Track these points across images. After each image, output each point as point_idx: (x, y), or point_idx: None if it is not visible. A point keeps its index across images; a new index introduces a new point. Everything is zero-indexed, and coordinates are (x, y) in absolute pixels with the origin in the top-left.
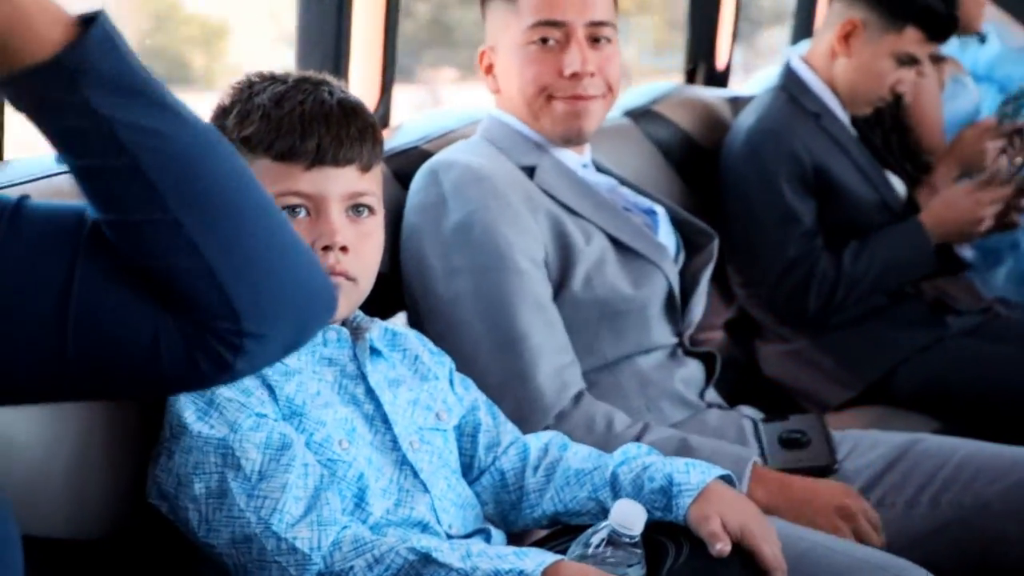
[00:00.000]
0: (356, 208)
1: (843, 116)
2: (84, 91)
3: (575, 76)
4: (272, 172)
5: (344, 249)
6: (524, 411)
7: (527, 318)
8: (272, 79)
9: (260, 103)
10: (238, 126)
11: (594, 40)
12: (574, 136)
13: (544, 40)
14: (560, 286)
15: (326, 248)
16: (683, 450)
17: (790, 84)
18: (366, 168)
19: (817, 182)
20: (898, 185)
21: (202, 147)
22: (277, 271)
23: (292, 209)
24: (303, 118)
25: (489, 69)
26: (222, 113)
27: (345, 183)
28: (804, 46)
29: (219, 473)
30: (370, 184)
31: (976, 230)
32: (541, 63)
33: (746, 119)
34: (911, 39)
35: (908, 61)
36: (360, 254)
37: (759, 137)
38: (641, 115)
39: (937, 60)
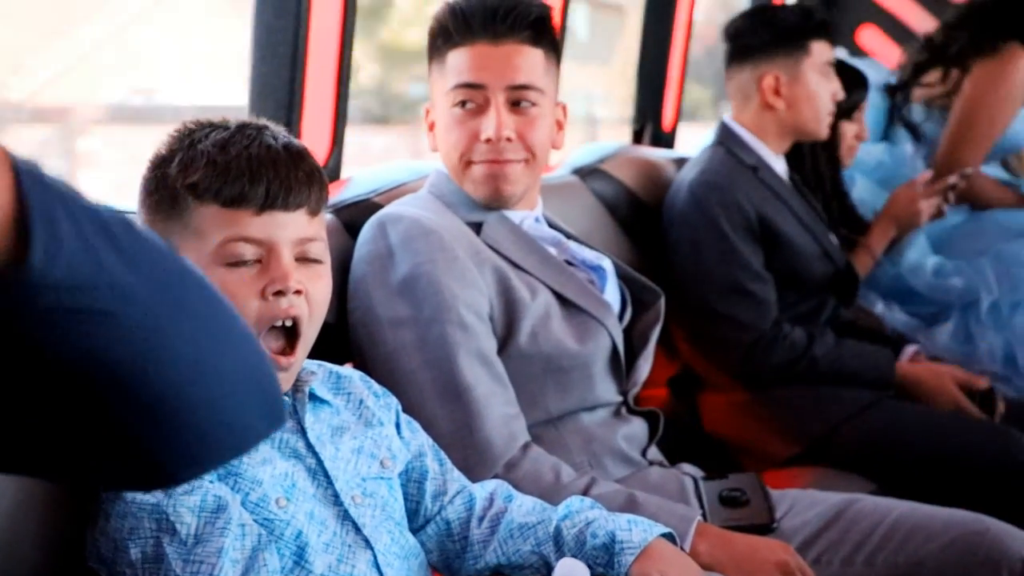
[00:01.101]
0: (305, 254)
1: (780, 169)
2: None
3: (490, 141)
4: (220, 218)
5: (298, 292)
6: (472, 461)
7: (471, 370)
8: (212, 126)
9: (204, 149)
10: (182, 174)
11: (515, 104)
12: (494, 200)
13: (464, 103)
14: (506, 340)
15: (278, 293)
16: (630, 505)
17: (727, 140)
18: (314, 212)
19: (762, 231)
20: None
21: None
22: (229, 422)
23: (240, 262)
24: (251, 163)
25: (432, 127)
26: (161, 162)
27: (295, 228)
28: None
29: (154, 538)
30: (318, 229)
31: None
32: (461, 126)
33: (687, 174)
34: (819, 50)
35: (830, 67)
36: (311, 297)
37: (702, 189)
38: (588, 173)
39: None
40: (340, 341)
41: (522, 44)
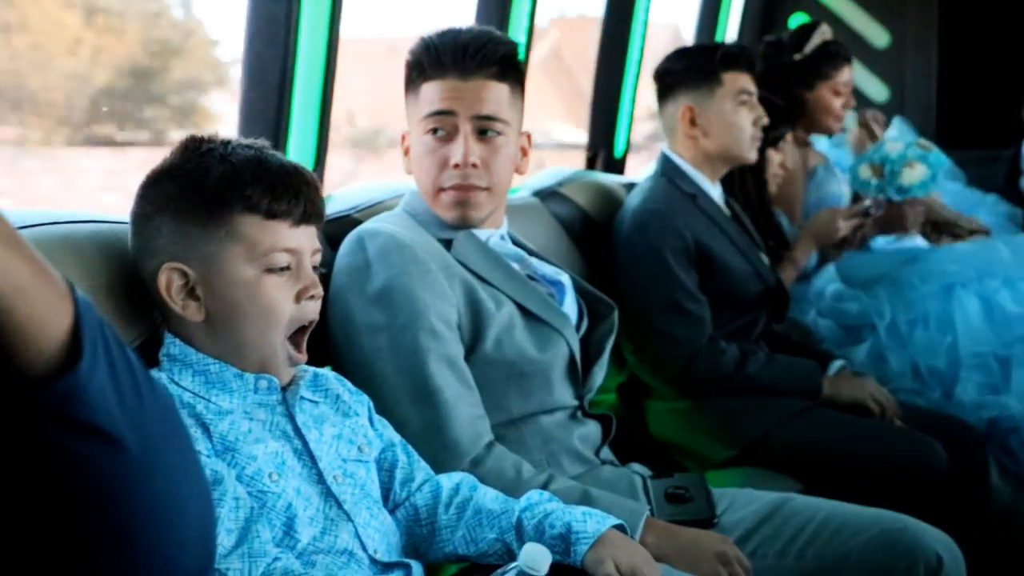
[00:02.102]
0: (315, 263)
1: (716, 195)
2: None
3: (457, 167)
4: (263, 228)
5: (314, 297)
6: (441, 457)
7: (440, 374)
8: (224, 142)
9: (241, 164)
10: (229, 186)
11: (482, 133)
12: (461, 223)
13: (435, 130)
14: (473, 347)
15: (312, 298)
16: (584, 500)
17: (668, 170)
18: (320, 226)
19: (698, 255)
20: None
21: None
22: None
23: (279, 268)
24: (291, 179)
25: (407, 152)
26: (181, 173)
27: (314, 240)
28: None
29: None
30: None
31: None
32: (432, 154)
33: (632, 201)
34: (732, 80)
35: (747, 95)
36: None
37: (645, 217)
38: (547, 195)
39: (804, 144)
40: (318, 345)
41: (489, 80)
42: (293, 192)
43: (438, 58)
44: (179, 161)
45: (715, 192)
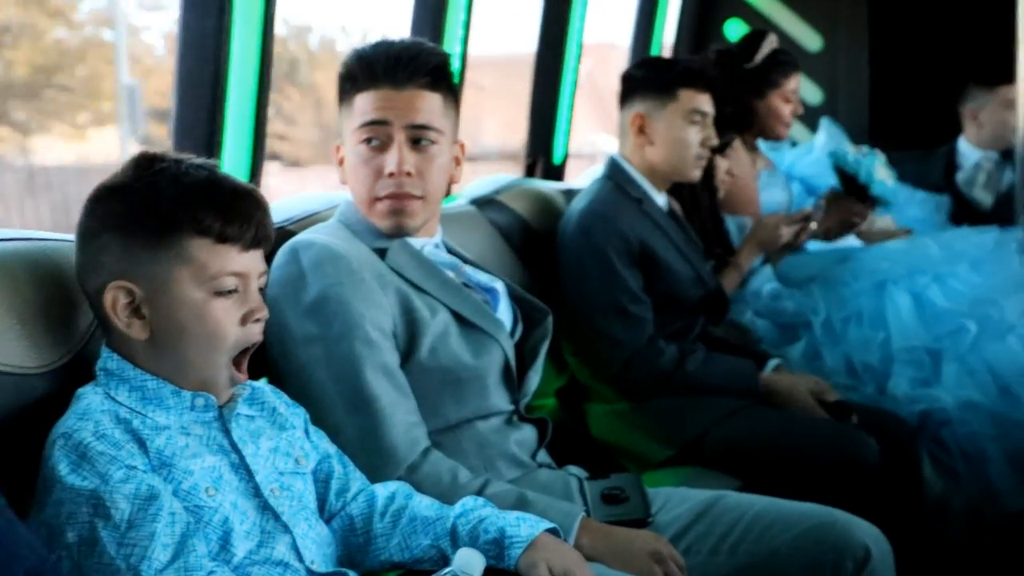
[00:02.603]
0: (261, 286)
1: (661, 202)
2: None
3: (392, 175)
4: (213, 251)
5: (259, 320)
6: (377, 465)
7: (376, 382)
8: (175, 160)
9: (194, 186)
10: (182, 208)
11: (415, 142)
12: (396, 232)
13: (369, 140)
14: (408, 354)
15: (257, 321)
16: (520, 504)
17: (615, 174)
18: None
19: (642, 258)
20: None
21: None
22: None
23: (227, 291)
24: (242, 203)
25: (342, 162)
26: (130, 191)
27: (261, 263)
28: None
29: (90, 523)
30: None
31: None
32: (367, 164)
33: (578, 204)
34: (687, 98)
35: (699, 116)
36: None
37: (590, 219)
38: (485, 203)
39: (752, 149)
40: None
41: (422, 89)
42: (245, 217)
43: (371, 68)
44: (130, 179)
45: (660, 199)
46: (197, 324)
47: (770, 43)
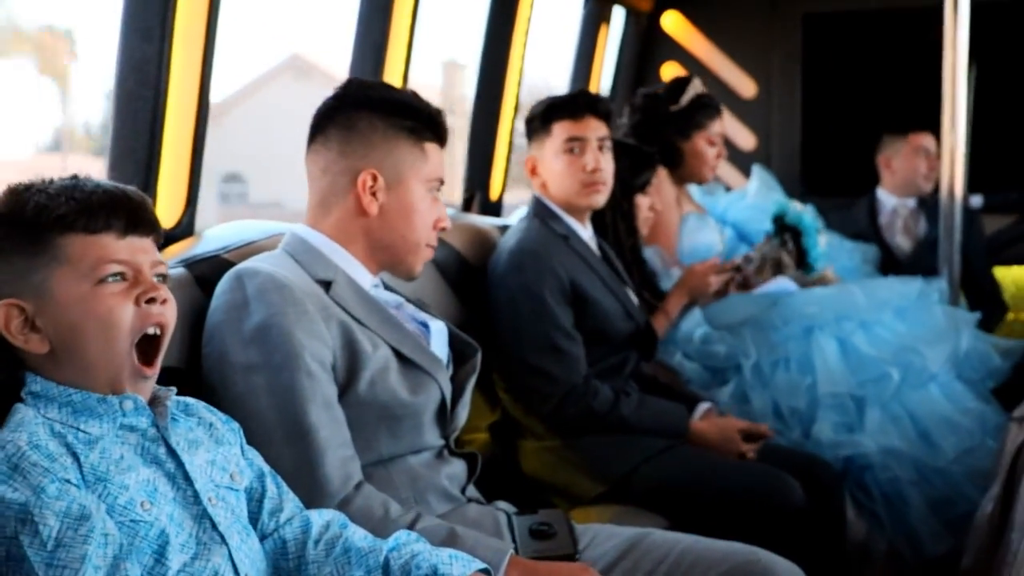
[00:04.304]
0: (159, 276)
1: (586, 237)
2: None
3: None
4: (87, 245)
5: (164, 301)
6: (311, 496)
7: (315, 414)
8: (48, 181)
9: (57, 193)
10: (43, 213)
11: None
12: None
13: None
14: (346, 388)
15: (151, 300)
16: (450, 539)
17: (540, 212)
18: (159, 241)
19: (573, 294)
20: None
21: None
22: None
23: (111, 276)
24: (108, 196)
25: (374, 192)
26: (3, 216)
27: (151, 252)
28: None
29: (15, 538)
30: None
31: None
32: (432, 211)
33: (507, 242)
34: (560, 130)
35: (576, 143)
36: (171, 308)
37: (521, 256)
38: None
39: (679, 186)
40: (191, 386)
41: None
42: (109, 207)
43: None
44: (2, 207)
45: (586, 233)
46: (88, 317)
47: (695, 87)
